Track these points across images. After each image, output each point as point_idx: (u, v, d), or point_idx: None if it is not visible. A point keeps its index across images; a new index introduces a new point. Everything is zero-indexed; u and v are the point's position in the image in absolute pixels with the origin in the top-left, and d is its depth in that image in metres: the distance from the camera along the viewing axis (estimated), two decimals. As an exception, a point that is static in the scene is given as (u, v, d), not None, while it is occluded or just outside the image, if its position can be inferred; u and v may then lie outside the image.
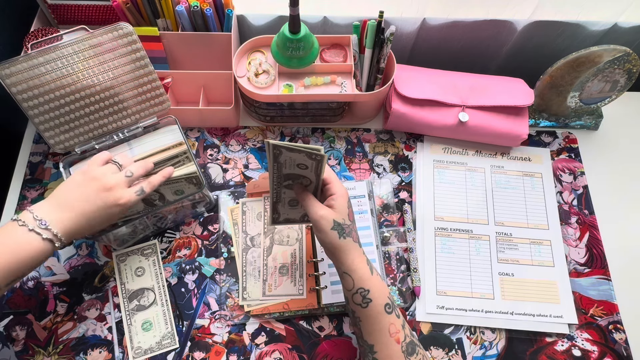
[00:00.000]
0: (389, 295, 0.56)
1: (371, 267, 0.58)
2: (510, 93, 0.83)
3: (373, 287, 0.55)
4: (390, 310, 0.55)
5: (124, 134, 0.72)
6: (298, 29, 0.72)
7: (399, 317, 0.56)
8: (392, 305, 0.56)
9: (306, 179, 0.60)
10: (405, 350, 0.54)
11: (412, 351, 0.55)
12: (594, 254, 0.80)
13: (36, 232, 0.54)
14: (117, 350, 0.70)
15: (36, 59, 0.63)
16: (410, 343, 0.55)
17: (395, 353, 0.54)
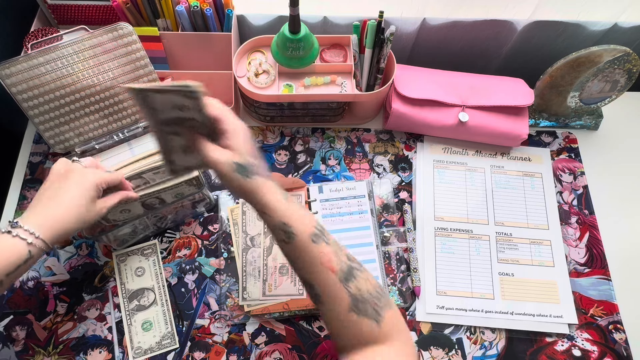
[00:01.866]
0: (315, 225, 0.52)
1: (286, 197, 0.53)
2: (510, 93, 0.83)
3: (293, 220, 0.51)
4: (317, 239, 0.51)
5: (124, 134, 0.72)
6: (298, 29, 0.72)
7: (329, 244, 0.52)
8: (321, 233, 0.52)
9: (193, 121, 0.53)
10: (342, 278, 0.50)
11: (350, 277, 0.50)
12: (594, 254, 0.80)
13: (7, 232, 0.53)
14: (117, 350, 0.70)
15: (36, 59, 0.62)
16: (348, 268, 0.51)
17: (331, 283, 0.50)
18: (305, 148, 0.87)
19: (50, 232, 0.54)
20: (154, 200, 0.70)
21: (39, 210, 0.55)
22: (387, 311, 0.50)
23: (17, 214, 0.79)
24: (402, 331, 0.51)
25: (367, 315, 0.49)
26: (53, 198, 0.56)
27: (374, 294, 0.51)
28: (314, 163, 0.86)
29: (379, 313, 0.49)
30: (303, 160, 0.86)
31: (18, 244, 0.52)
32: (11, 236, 0.52)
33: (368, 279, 0.52)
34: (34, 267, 0.75)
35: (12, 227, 0.53)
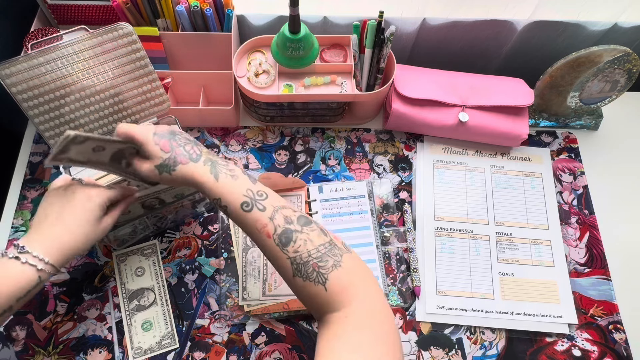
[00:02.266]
0: (245, 193, 0.52)
1: (216, 173, 0.53)
2: (510, 93, 0.83)
3: (224, 194, 0.52)
4: (249, 207, 0.51)
5: (124, 134, 0.72)
6: (298, 29, 0.72)
7: (264, 210, 0.51)
8: (252, 200, 0.51)
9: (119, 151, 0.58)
10: (278, 242, 0.49)
11: (287, 240, 0.49)
12: (594, 254, 0.80)
13: (16, 259, 0.51)
14: (117, 350, 0.70)
15: (36, 59, 0.62)
16: (284, 232, 0.49)
17: (270, 248, 0.50)
18: (305, 148, 0.87)
19: (59, 257, 0.54)
20: (153, 200, 0.70)
21: (45, 233, 0.54)
22: (334, 272, 0.47)
23: (17, 213, 0.79)
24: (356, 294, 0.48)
25: (310, 278, 0.48)
26: (59, 221, 0.55)
27: (315, 254, 0.48)
28: (314, 163, 0.86)
29: (323, 275, 0.47)
30: (303, 160, 0.86)
31: (27, 271, 0.51)
32: (20, 262, 0.51)
33: (309, 239, 0.49)
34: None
35: (20, 252, 0.51)
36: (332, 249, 0.49)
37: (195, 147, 0.56)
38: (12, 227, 0.78)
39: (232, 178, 0.53)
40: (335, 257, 0.49)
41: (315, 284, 0.48)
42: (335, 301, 0.47)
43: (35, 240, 0.53)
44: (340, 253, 0.50)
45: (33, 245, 0.52)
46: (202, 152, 0.55)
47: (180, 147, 0.55)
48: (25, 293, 0.51)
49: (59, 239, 0.54)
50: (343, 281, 0.48)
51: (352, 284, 0.48)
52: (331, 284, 0.47)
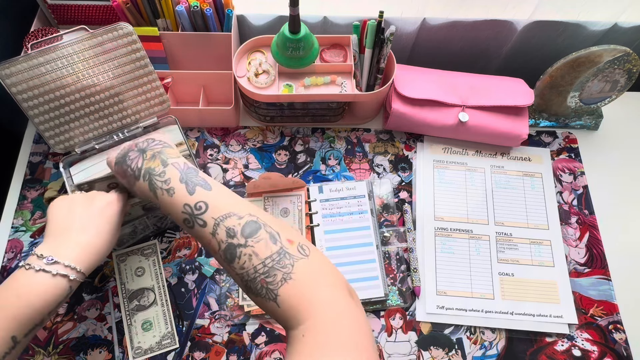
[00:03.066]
0: (183, 210, 0.49)
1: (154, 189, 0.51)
2: (510, 93, 0.83)
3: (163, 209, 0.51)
4: (190, 224, 0.48)
5: (124, 134, 0.72)
6: (298, 29, 0.72)
7: (205, 226, 0.48)
8: (191, 217, 0.48)
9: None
10: (224, 259, 0.47)
11: (232, 257, 0.46)
12: (594, 254, 0.80)
13: (45, 271, 0.49)
14: (117, 350, 0.70)
15: (36, 59, 0.62)
16: (227, 248, 0.46)
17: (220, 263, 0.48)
18: (305, 148, 0.87)
19: (89, 263, 0.53)
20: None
21: (73, 241, 0.53)
22: (284, 286, 0.43)
23: (17, 213, 0.79)
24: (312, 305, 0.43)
25: (260, 295, 0.44)
26: (88, 228, 0.54)
27: (262, 269, 0.44)
28: (314, 163, 0.86)
29: (272, 292, 0.44)
30: (303, 160, 0.86)
31: (59, 282, 0.49)
32: (51, 275, 0.49)
33: (254, 253, 0.45)
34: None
35: (48, 263, 0.49)
36: (281, 259, 0.45)
37: (140, 158, 0.54)
38: (12, 227, 0.78)
39: (167, 194, 0.50)
40: (285, 269, 0.44)
41: (267, 300, 0.44)
42: (291, 317, 0.43)
43: (62, 248, 0.52)
44: (292, 262, 0.45)
45: (62, 255, 0.51)
46: (142, 162, 0.53)
47: (128, 167, 0.54)
48: (57, 305, 0.50)
49: (89, 246, 0.53)
50: (296, 295, 0.43)
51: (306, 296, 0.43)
52: (282, 300, 0.43)
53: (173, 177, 0.51)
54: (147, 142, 0.57)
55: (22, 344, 0.48)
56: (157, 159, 0.54)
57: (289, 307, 0.43)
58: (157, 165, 0.53)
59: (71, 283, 0.50)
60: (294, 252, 0.46)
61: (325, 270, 0.47)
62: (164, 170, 0.52)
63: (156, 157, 0.54)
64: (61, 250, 0.51)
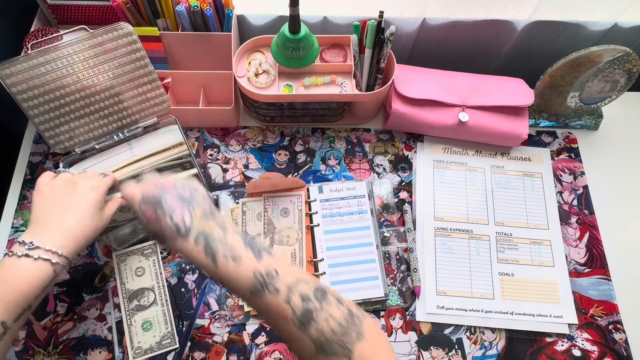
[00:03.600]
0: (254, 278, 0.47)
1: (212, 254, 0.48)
2: (510, 93, 0.83)
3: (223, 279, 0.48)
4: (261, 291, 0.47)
5: (124, 134, 0.72)
6: (298, 29, 0.72)
7: (277, 293, 0.47)
8: (262, 284, 0.47)
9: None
10: (299, 325, 0.46)
11: (308, 321, 0.46)
12: (594, 254, 0.80)
13: (27, 256, 0.50)
14: (117, 350, 0.70)
15: (36, 59, 0.62)
16: (304, 314, 0.46)
17: (289, 330, 0.47)
18: (305, 148, 0.87)
19: (72, 247, 0.53)
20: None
21: (55, 226, 0.53)
22: (358, 344, 0.46)
23: (17, 213, 0.79)
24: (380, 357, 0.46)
25: (335, 354, 0.46)
26: (68, 213, 0.54)
27: (339, 330, 0.46)
28: (314, 163, 0.86)
29: (348, 349, 0.46)
30: (303, 160, 0.86)
31: (42, 266, 0.50)
32: (32, 260, 0.50)
33: (330, 316, 0.46)
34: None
35: (30, 248, 0.50)
36: (352, 319, 0.47)
37: (186, 212, 0.50)
38: (12, 227, 0.78)
39: (233, 261, 0.48)
40: (357, 328, 0.47)
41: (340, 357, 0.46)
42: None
43: (44, 233, 0.52)
44: (359, 321, 0.47)
45: (43, 240, 0.51)
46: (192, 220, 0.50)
47: (166, 216, 0.50)
48: (43, 289, 0.51)
49: (71, 231, 0.53)
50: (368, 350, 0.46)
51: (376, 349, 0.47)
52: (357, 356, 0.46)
53: (237, 244, 0.49)
54: (188, 189, 0.53)
55: (12, 330, 0.49)
56: (210, 221, 0.50)
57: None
58: (213, 229, 0.50)
59: (55, 267, 0.51)
60: (356, 312, 0.48)
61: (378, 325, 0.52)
62: (224, 236, 0.49)
63: (209, 218, 0.51)
64: (43, 236, 0.52)
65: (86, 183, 0.58)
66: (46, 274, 0.50)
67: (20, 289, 0.49)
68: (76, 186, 0.57)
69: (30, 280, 0.49)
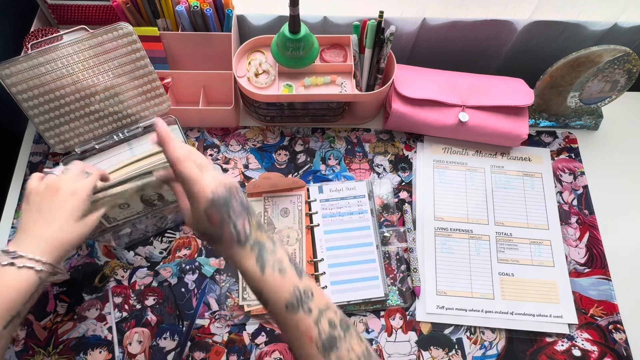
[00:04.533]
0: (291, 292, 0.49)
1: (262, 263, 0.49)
2: (510, 93, 0.83)
3: (265, 287, 0.49)
4: (295, 309, 0.48)
5: (124, 134, 0.72)
6: (298, 29, 0.72)
7: (309, 313, 0.48)
8: (299, 301, 0.48)
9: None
10: (322, 348, 0.47)
11: (331, 347, 0.47)
12: (594, 254, 0.80)
13: (11, 265, 0.51)
14: (117, 350, 0.70)
15: (36, 59, 0.62)
16: (329, 338, 0.48)
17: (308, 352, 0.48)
18: (305, 148, 0.87)
19: (56, 254, 0.54)
20: (152, 194, 0.70)
21: (37, 235, 0.54)
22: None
23: (17, 213, 0.79)
24: None
25: None
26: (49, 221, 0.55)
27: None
28: (314, 163, 0.86)
29: None
30: (303, 160, 0.86)
31: (26, 274, 0.51)
32: (16, 268, 0.51)
33: (352, 349, 0.48)
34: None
35: (13, 257, 0.51)
36: (370, 355, 0.49)
37: (246, 223, 0.51)
38: (12, 227, 0.78)
39: (279, 273, 0.49)
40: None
41: None
42: None
43: (27, 242, 0.53)
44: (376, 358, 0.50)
45: (25, 248, 0.52)
46: (251, 229, 0.51)
47: (230, 224, 0.50)
48: (30, 296, 0.51)
49: (52, 238, 0.54)
50: None
51: None
52: None
53: (284, 258, 0.51)
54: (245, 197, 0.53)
55: (4, 337, 0.50)
56: (263, 232, 0.52)
57: None
58: (266, 240, 0.51)
59: (39, 274, 0.52)
60: (372, 352, 0.50)
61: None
62: (274, 249, 0.51)
63: (262, 229, 0.52)
64: (26, 244, 0.53)
65: (68, 187, 0.57)
66: (32, 281, 0.51)
67: (7, 296, 0.50)
68: (58, 192, 0.56)
69: (16, 287, 0.50)
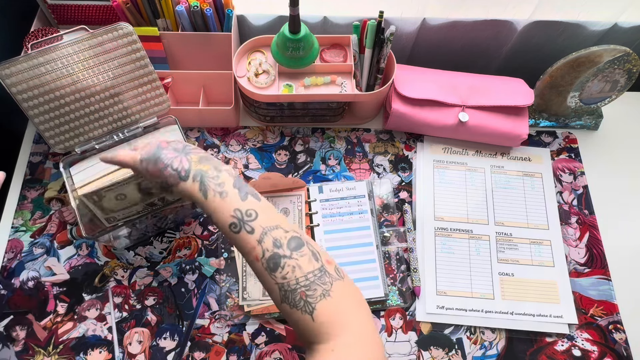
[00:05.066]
0: (232, 214, 0.50)
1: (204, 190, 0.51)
2: (510, 93, 0.83)
3: (210, 212, 0.51)
4: (237, 229, 0.49)
5: (124, 134, 0.72)
6: (298, 29, 0.72)
7: (252, 232, 0.49)
8: (240, 222, 0.49)
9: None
10: (266, 267, 0.48)
11: (275, 266, 0.47)
12: (594, 254, 0.80)
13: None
14: (117, 350, 0.70)
15: (36, 59, 0.62)
16: (272, 257, 0.48)
17: (258, 271, 0.49)
18: (305, 148, 0.87)
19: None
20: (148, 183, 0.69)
21: None
22: (323, 301, 0.46)
23: (17, 213, 0.79)
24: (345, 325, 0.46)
25: (297, 306, 0.46)
26: None
27: (304, 282, 0.47)
28: (314, 163, 0.86)
29: (310, 305, 0.46)
30: (303, 160, 0.86)
31: None
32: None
33: (297, 266, 0.47)
34: (34, 267, 0.75)
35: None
36: (322, 276, 0.47)
37: (184, 159, 0.54)
38: (12, 227, 0.78)
39: (219, 196, 0.51)
40: (325, 286, 0.47)
41: (303, 312, 0.46)
42: (323, 332, 0.46)
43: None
44: (331, 281, 0.48)
45: None
46: (190, 164, 0.54)
47: (167, 167, 0.54)
48: None
49: None
50: (331, 311, 0.46)
51: (341, 313, 0.46)
52: (318, 314, 0.46)
53: (227, 182, 0.52)
54: (181, 143, 0.57)
55: None
56: (207, 164, 0.54)
57: (324, 321, 0.46)
58: (209, 169, 0.53)
59: None
60: (332, 272, 0.48)
61: (357, 294, 0.50)
62: (217, 175, 0.53)
63: (206, 162, 0.54)
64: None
65: None
66: None
67: None
68: None
69: None
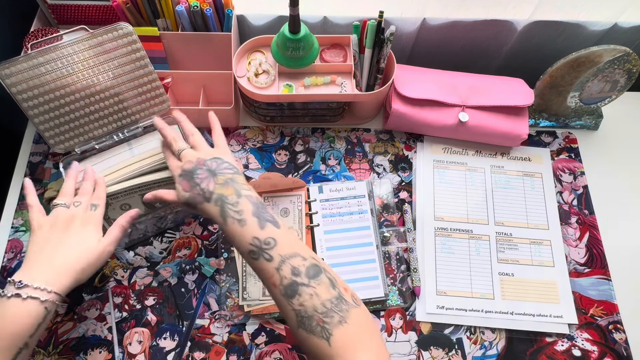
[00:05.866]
0: (251, 242, 0.52)
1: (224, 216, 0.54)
2: (510, 93, 0.83)
3: (230, 237, 0.54)
4: (256, 256, 0.52)
5: (124, 134, 0.72)
6: (298, 29, 0.72)
7: (271, 260, 0.51)
8: (259, 249, 0.52)
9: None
10: (284, 294, 0.50)
11: (293, 293, 0.49)
12: (594, 254, 0.80)
13: (16, 296, 0.49)
14: (117, 350, 0.70)
15: (36, 59, 0.62)
16: (290, 285, 0.49)
17: (275, 297, 0.51)
18: (305, 148, 0.87)
19: (64, 283, 0.53)
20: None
21: (45, 262, 0.53)
22: (339, 328, 0.48)
23: (17, 213, 0.79)
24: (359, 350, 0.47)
25: (314, 332, 0.48)
26: (59, 250, 0.54)
27: (321, 310, 0.48)
28: (314, 163, 0.86)
29: (327, 330, 0.47)
30: (303, 160, 0.86)
31: (31, 305, 0.50)
32: (21, 299, 0.49)
33: (315, 294, 0.49)
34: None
35: (18, 287, 0.50)
36: (339, 304, 0.49)
37: (211, 181, 0.57)
38: (12, 227, 0.78)
39: (238, 224, 0.53)
40: (342, 313, 0.48)
41: (319, 338, 0.48)
42: (338, 356, 0.47)
43: (33, 271, 0.52)
44: (347, 308, 0.49)
45: (31, 277, 0.51)
46: (215, 187, 0.56)
47: (197, 186, 0.57)
48: (36, 328, 0.50)
49: (61, 266, 0.53)
50: (348, 337, 0.48)
51: (357, 340, 0.48)
52: (335, 340, 0.47)
53: (246, 210, 0.54)
54: (216, 162, 0.59)
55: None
56: (230, 187, 0.56)
57: (340, 347, 0.47)
58: (230, 194, 0.55)
59: (45, 304, 0.51)
60: (349, 300, 0.50)
61: (372, 324, 0.51)
62: (237, 201, 0.55)
63: (229, 185, 0.56)
64: (32, 273, 0.52)
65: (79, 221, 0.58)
66: (37, 312, 0.50)
67: (11, 330, 0.49)
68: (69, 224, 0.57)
69: (21, 321, 0.49)
